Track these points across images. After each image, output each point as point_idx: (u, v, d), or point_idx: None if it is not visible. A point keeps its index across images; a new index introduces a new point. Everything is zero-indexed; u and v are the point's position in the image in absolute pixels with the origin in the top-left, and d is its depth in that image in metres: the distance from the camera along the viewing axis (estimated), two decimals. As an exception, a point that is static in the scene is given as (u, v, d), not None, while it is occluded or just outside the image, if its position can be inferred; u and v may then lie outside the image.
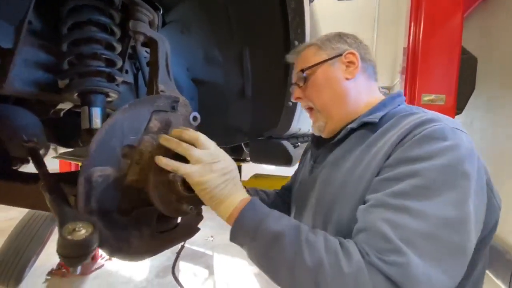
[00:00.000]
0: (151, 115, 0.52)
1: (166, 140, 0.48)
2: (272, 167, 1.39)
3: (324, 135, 0.67)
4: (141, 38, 0.65)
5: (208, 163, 0.47)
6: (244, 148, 1.32)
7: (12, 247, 1.93)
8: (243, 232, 0.46)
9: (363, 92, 0.62)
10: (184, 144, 0.48)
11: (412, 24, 1.45)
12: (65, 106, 0.82)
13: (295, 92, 0.67)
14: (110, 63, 0.65)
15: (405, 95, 1.53)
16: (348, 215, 0.50)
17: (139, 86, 0.86)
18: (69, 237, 0.35)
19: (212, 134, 1.13)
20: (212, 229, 3.41)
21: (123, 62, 0.76)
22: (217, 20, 0.94)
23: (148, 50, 0.88)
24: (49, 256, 2.34)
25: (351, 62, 0.61)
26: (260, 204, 0.49)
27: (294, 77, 0.67)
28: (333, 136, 0.64)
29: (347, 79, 0.61)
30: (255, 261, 0.46)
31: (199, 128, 1.15)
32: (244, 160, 1.54)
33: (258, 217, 0.46)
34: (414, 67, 1.42)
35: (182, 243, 0.70)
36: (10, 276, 1.89)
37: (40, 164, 0.47)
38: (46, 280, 2.43)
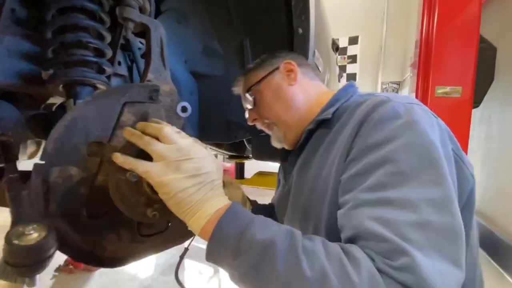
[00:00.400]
0: (122, 107, 0.46)
1: (129, 134, 0.42)
2: (277, 164, 1.33)
3: (287, 146, 0.66)
4: (131, 25, 0.60)
5: (173, 161, 0.39)
6: (247, 144, 1.28)
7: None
8: (223, 248, 0.37)
9: (311, 92, 0.63)
10: (146, 138, 0.41)
11: (426, 11, 1.36)
12: (57, 100, 0.78)
13: (249, 115, 0.68)
14: (98, 52, 0.60)
15: (417, 88, 1.44)
16: (325, 219, 0.46)
17: (134, 80, 0.82)
18: (15, 241, 0.30)
19: (212, 130, 1.09)
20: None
21: (115, 53, 0.72)
22: (216, 8, 0.89)
23: (142, 41, 0.84)
24: (56, 253, 2.35)
25: (290, 71, 0.63)
26: (242, 209, 0.41)
27: (244, 103, 0.70)
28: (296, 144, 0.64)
29: (291, 85, 0.63)
30: (241, 283, 0.37)
31: (200, 124, 1.11)
32: (247, 157, 1.49)
33: (240, 225, 0.37)
34: (427, 58, 1.33)
35: (186, 246, 0.67)
36: (17, 272, 1.90)
37: (8, 159, 0.43)
38: (54, 276, 2.45)
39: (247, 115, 0.70)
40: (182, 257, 0.64)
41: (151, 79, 0.53)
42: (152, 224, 0.51)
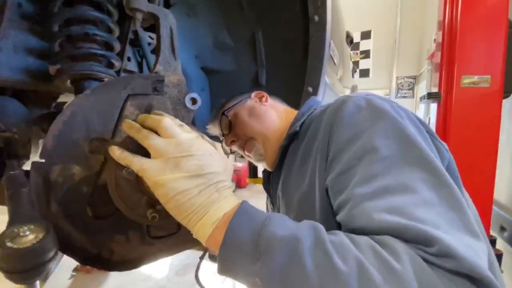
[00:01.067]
0: (125, 101, 0.43)
1: (128, 126, 0.38)
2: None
3: (268, 164, 0.67)
4: (139, 16, 0.57)
5: (172, 157, 0.35)
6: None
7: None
8: (239, 253, 0.32)
9: (281, 110, 0.69)
10: (144, 131, 0.37)
11: (448, -4, 1.27)
12: (68, 98, 0.77)
13: (226, 139, 0.70)
14: (107, 46, 0.58)
15: (440, 78, 1.35)
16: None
17: (144, 76, 0.80)
18: (9, 244, 0.27)
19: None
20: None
21: (124, 47, 0.70)
22: (226, -2, 0.85)
23: (152, 35, 0.81)
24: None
25: (261, 96, 0.70)
26: (254, 208, 0.36)
27: (221, 130, 0.71)
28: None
29: (263, 105, 0.68)
30: None
31: (210, 122, 1.08)
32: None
33: (256, 225, 0.32)
34: (451, 45, 1.24)
35: (205, 249, 0.64)
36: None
37: (10, 156, 0.41)
38: (72, 276, 2.50)
39: (224, 142, 0.71)
40: (202, 258, 0.61)
41: (159, 71, 0.49)
42: (163, 225, 0.48)
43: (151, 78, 0.46)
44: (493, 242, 1.44)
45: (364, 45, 5.18)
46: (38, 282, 0.31)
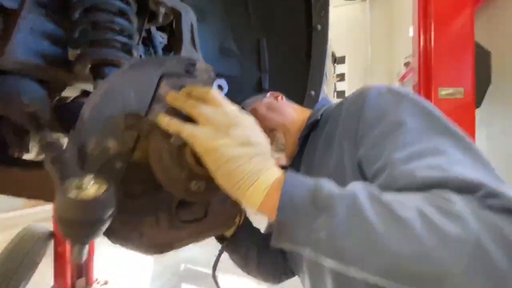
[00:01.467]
0: (159, 80, 0.43)
1: (173, 98, 0.40)
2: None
3: (287, 157, 0.68)
4: (162, 10, 0.59)
5: (222, 125, 0.35)
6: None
7: (0, 270, 1.75)
8: (298, 212, 0.32)
9: (296, 107, 0.73)
10: (191, 101, 0.38)
11: (421, 22, 1.45)
12: (71, 93, 0.74)
13: None
14: (128, 35, 0.58)
15: (419, 92, 1.49)
16: None
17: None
18: (71, 195, 0.25)
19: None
20: (216, 247, 3.21)
21: (138, 44, 0.70)
22: (234, 5, 0.90)
23: (162, 35, 0.82)
24: (43, 278, 2.13)
25: (276, 96, 0.74)
26: (300, 175, 0.36)
27: None
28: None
29: (280, 102, 0.73)
30: (329, 247, 0.31)
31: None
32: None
33: (309, 186, 0.33)
34: (427, 64, 1.40)
35: (221, 247, 0.65)
36: (-4, 304, 1.69)
37: (40, 128, 0.39)
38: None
39: None
40: (221, 252, 0.64)
41: None
42: (191, 208, 0.46)
43: (184, 60, 0.47)
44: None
45: (340, 69, 5.57)
46: (86, 248, 0.28)
